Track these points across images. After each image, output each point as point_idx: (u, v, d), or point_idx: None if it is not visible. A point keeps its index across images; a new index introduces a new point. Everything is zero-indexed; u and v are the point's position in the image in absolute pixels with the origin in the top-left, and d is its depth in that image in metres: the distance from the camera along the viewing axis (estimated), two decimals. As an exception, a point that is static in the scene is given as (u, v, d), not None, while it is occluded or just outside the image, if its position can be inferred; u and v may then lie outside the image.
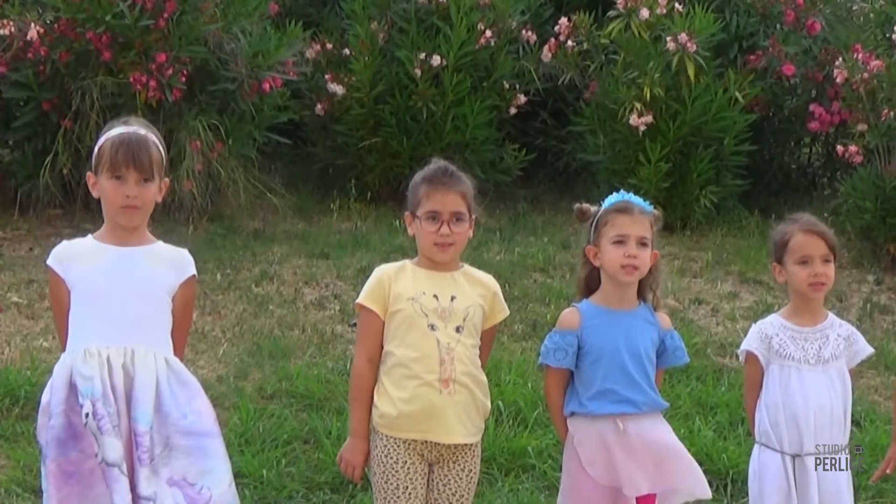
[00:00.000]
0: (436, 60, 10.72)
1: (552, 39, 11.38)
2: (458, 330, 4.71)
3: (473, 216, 4.78)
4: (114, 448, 4.35)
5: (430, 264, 4.77)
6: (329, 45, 11.14)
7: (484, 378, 4.84)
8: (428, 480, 4.77)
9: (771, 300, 9.22)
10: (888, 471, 5.52)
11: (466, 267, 4.87)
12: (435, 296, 4.71)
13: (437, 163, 4.85)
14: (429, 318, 4.68)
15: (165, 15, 9.56)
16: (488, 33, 10.92)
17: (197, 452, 4.49)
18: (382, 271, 4.80)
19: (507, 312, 4.95)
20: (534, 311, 8.75)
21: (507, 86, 11.26)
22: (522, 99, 11.37)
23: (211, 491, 4.48)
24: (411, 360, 4.67)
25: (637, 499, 4.73)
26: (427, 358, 4.67)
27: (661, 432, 4.86)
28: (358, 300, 4.81)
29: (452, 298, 4.72)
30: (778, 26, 11.81)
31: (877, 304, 9.76)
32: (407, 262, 4.82)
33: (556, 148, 11.90)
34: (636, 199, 4.89)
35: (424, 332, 4.68)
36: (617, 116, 10.77)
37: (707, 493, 4.90)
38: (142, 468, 4.39)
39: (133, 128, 4.60)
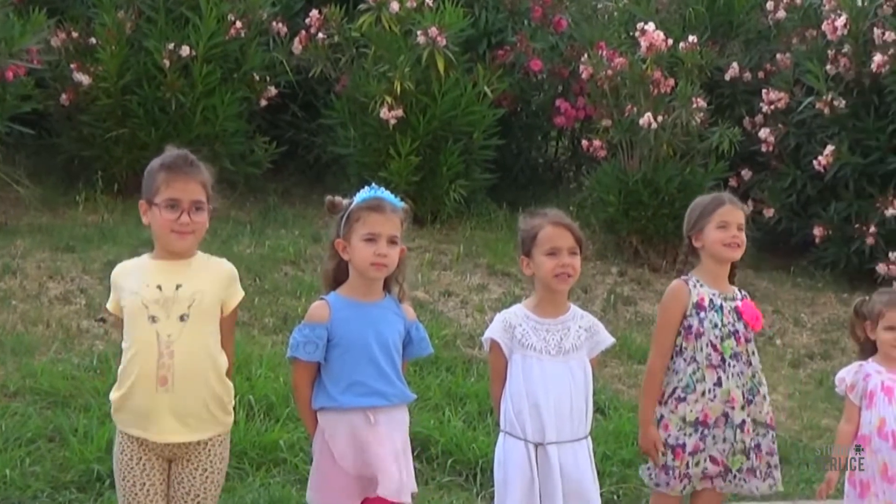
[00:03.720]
0: (185, 51, 10.56)
1: (303, 32, 11.35)
2: (182, 318, 4.58)
3: (211, 205, 4.71)
4: None
5: (165, 254, 4.66)
6: (75, 34, 10.86)
7: (220, 367, 4.69)
8: (168, 476, 4.69)
9: (519, 292, 9.37)
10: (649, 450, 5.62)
11: (200, 254, 4.74)
12: (158, 286, 4.59)
13: (174, 150, 4.75)
14: (149, 309, 4.57)
15: None
16: (238, 24, 10.81)
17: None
18: (116, 269, 4.73)
19: (242, 294, 4.80)
20: (284, 304, 8.72)
21: (257, 78, 11.18)
22: (273, 91, 11.30)
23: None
24: (133, 356, 4.58)
25: (378, 498, 4.75)
26: (145, 353, 4.56)
27: (404, 428, 4.91)
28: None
29: (178, 287, 4.60)
30: (526, 22, 12.03)
31: (620, 295, 10.03)
32: (145, 256, 4.73)
33: (307, 141, 11.88)
34: (388, 196, 4.89)
35: (145, 325, 4.57)
36: (368, 110, 10.80)
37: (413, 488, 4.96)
38: None
39: None
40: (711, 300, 5.48)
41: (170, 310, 4.57)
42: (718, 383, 5.43)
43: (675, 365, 5.50)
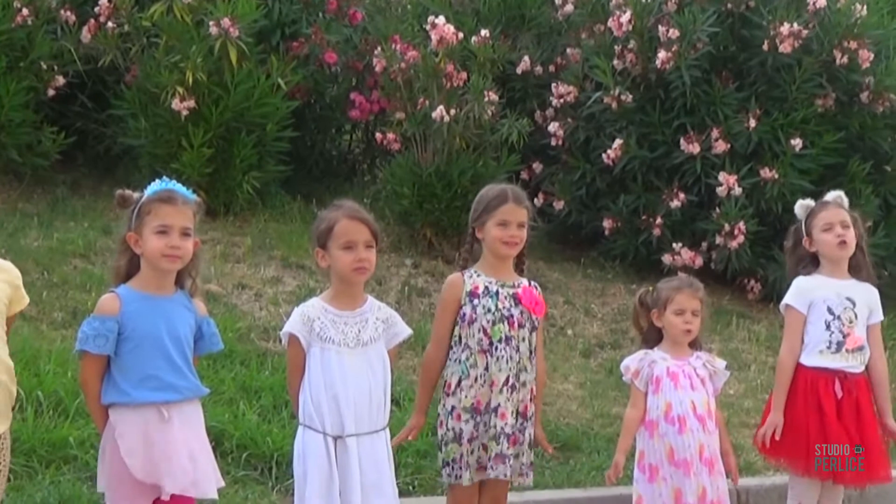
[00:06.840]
0: (-32, 38, 10.30)
1: (92, 20, 11.12)
2: None
3: None
4: None
5: None
6: None
7: (10, 367, 4.72)
8: None
9: (314, 284, 9.36)
10: (410, 437, 5.75)
11: None
12: None
13: None
14: None
15: None
16: (25, 12, 10.55)
17: None
18: None
19: (27, 300, 4.88)
20: (74, 297, 8.56)
21: (44, 66, 10.91)
22: (61, 80, 11.04)
23: None
24: None
25: (172, 496, 4.71)
26: None
27: (199, 423, 4.90)
28: None
29: None
30: (320, 14, 11.99)
31: (414, 286, 10.09)
32: None
33: (97, 131, 11.64)
34: (179, 188, 4.88)
35: None
36: (159, 100, 10.63)
37: (217, 488, 4.96)
38: None
39: None
40: (487, 287, 5.58)
41: None
42: (487, 367, 5.52)
43: (455, 354, 5.59)
